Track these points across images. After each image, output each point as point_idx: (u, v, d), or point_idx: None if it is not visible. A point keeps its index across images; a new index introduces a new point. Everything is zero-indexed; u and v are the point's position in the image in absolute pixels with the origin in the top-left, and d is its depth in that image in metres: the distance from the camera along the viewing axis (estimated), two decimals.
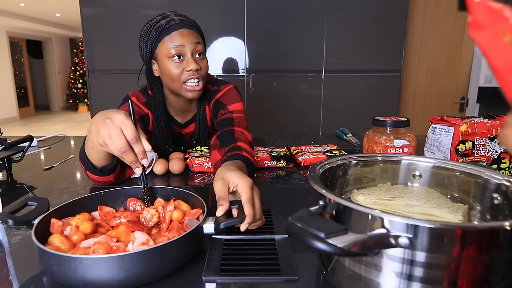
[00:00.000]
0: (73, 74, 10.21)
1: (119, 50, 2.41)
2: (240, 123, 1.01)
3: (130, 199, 0.68)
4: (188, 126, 1.16)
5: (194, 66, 0.95)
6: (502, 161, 0.86)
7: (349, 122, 2.11)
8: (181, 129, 1.16)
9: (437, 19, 2.81)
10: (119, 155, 0.64)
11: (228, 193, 0.60)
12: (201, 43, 0.99)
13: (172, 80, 0.99)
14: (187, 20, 0.99)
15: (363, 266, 0.42)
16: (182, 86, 0.99)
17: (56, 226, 0.56)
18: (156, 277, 0.49)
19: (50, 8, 7.59)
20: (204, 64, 1.00)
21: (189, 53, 0.96)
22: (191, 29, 0.98)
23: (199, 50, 0.98)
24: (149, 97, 1.08)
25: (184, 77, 0.97)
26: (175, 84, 0.99)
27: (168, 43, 0.96)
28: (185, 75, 0.97)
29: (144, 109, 1.07)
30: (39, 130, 7.34)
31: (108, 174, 0.86)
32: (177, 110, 1.12)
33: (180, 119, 1.14)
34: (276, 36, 2.42)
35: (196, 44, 0.97)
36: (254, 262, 0.54)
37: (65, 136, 1.59)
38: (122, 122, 0.63)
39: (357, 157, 0.62)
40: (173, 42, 0.95)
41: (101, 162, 0.83)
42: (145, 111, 1.07)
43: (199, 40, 0.99)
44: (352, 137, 1.49)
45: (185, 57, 0.97)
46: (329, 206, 0.46)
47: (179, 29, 0.96)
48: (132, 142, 0.64)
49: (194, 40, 0.97)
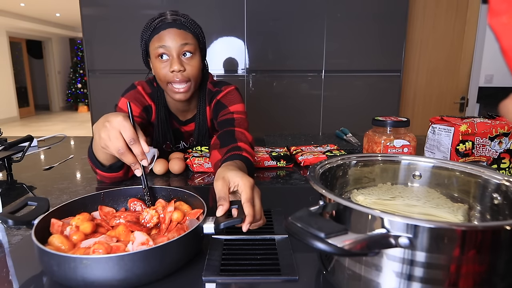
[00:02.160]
0: (73, 74, 10.21)
1: (119, 50, 2.41)
2: (240, 123, 1.01)
3: (131, 200, 0.68)
4: (188, 124, 1.16)
5: (177, 67, 0.95)
6: (502, 161, 0.86)
7: (349, 122, 2.11)
8: (181, 126, 1.16)
9: (437, 19, 2.81)
10: (118, 157, 0.65)
11: (228, 193, 0.60)
12: (190, 43, 0.97)
13: (159, 80, 1.00)
14: (182, 20, 0.98)
15: (363, 266, 0.42)
16: (167, 86, 0.99)
17: (56, 226, 0.56)
18: (156, 277, 0.49)
19: (50, 8, 7.59)
20: (192, 65, 0.98)
21: (174, 53, 0.95)
22: (182, 29, 0.97)
23: (186, 50, 0.96)
24: (154, 88, 1.09)
25: (169, 78, 0.97)
26: (162, 84, 1.01)
27: (155, 43, 0.96)
28: (169, 75, 0.97)
29: (148, 100, 1.08)
30: (39, 130, 7.34)
31: (117, 170, 0.89)
32: (176, 109, 1.13)
33: (181, 117, 1.15)
34: (276, 36, 2.42)
35: (183, 45, 0.96)
36: (254, 262, 0.54)
37: (65, 136, 1.59)
38: (121, 124, 0.64)
39: (357, 157, 0.62)
40: (160, 42, 0.96)
41: (109, 161, 0.86)
42: (149, 102, 1.08)
43: (188, 41, 0.97)
44: (352, 137, 1.49)
45: (170, 57, 0.96)
46: (329, 206, 0.46)
47: (168, 28, 0.96)
48: (130, 144, 0.64)
49: (181, 41, 0.95)
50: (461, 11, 2.83)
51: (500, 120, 0.87)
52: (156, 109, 1.09)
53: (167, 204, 0.64)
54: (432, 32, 2.83)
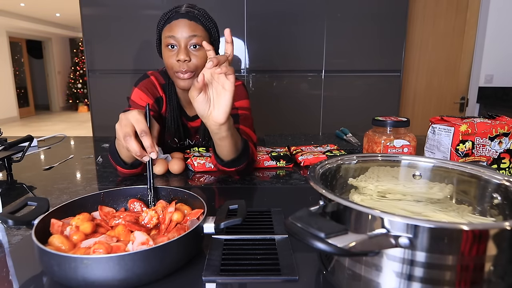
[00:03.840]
0: (73, 74, 10.21)
1: (119, 50, 2.41)
2: (245, 120, 1.02)
3: (131, 200, 0.67)
4: (195, 120, 1.18)
5: (183, 57, 0.96)
6: (502, 161, 0.86)
7: (349, 122, 2.11)
8: (188, 121, 1.18)
9: (437, 19, 2.82)
10: (124, 143, 0.66)
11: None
12: (199, 36, 0.98)
13: (167, 68, 1.03)
14: (195, 12, 0.99)
15: (363, 266, 0.42)
16: (174, 75, 1.01)
17: (56, 226, 0.56)
18: (156, 277, 0.49)
19: (50, 8, 7.59)
20: (198, 56, 0.99)
21: (182, 43, 0.97)
22: (193, 20, 0.98)
23: (194, 42, 0.98)
24: (167, 80, 1.12)
25: (175, 67, 0.99)
26: (170, 73, 1.03)
27: (166, 32, 0.99)
28: (176, 65, 0.99)
29: (160, 91, 1.11)
30: (39, 130, 7.34)
31: (137, 167, 0.94)
32: (185, 101, 1.14)
33: (189, 111, 1.16)
34: (276, 36, 2.42)
35: (191, 36, 0.97)
36: (254, 262, 0.54)
37: (65, 136, 1.59)
38: (134, 117, 0.66)
39: (357, 157, 0.62)
40: (170, 32, 0.98)
41: (130, 159, 0.90)
42: (161, 94, 1.11)
43: (197, 33, 0.98)
44: (352, 137, 1.49)
45: (178, 47, 0.98)
46: (329, 206, 0.46)
47: (179, 18, 0.98)
48: (141, 135, 0.65)
49: (190, 33, 0.97)
50: (461, 11, 2.83)
51: (500, 120, 0.87)
52: (167, 100, 1.11)
53: (168, 205, 0.64)
54: (432, 32, 2.83)
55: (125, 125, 0.66)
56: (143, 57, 2.40)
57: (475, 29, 2.88)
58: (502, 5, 2.81)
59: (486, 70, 2.91)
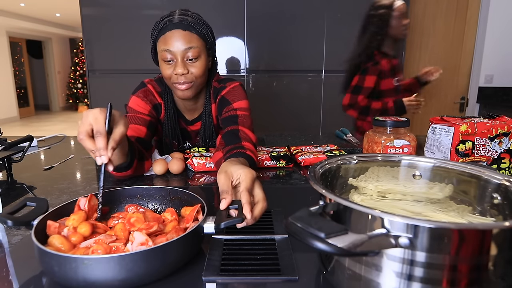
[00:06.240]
0: (73, 74, 10.20)
1: (119, 50, 2.42)
2: (244, 121, 1.02)
3: (127, 206, 0.66)
4: (195, 124, 1.18)
5: (181, 70, 0.97)
6: (502, 161, 0.86)
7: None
8: (188, 125, 1.18)
9: (437, 19, 2.82)
10: (79, 141, 0.64)
11: (231, 187, 0.60)
12: (195, 47, 0.97)
13: (165, 79, 1.03)
14: (189, 20, 0.97)
15: (363, 266, 0.42)
16: (173, 85, 1.02)
17: (53, 227, 0.55)
18: (156, 277, 0.49)
19: (50, 8, 7.59)
20: (196, 68, 0.99)
21: (179, 57, 0.97)
22: (188, 30, 0.96)
23: (190, 56, 0.97)
24: (163, 87, 1.12)
25: (173, 79, 1.00)
26: (168, 82, 1.03)
27: (162, 45, 0.98)
28: (174, 77, 0.99)
29: (158, 98, 1.11)
30: (39, 130, 7.34)
31: (124, 170, 0.89)
32: (184, 107, 1.15)
33: (188, 116, 1.17)
34: (276, 36, 2.42)
35: (187, 49, 0.96)
36: (254, 262, 0.54)
37: (65, 136, 1.59)
38: (94, 116, 0.64)
39: (357, 157, 0.62)
40: (165, 45, 0.97)
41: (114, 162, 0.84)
42: (159, 101, 1.11)
43: (193, 44, 0.96)
44: (352, 137, 1.50)
45: (175, 60, 0.98)
46: (329, 206, 0.46)
47: (173, 29, 0.96)
48: (96, 136, 0.63)
49: (185, 45, 0.96)
50: (461, 11, 2.83)
51: (500, 120, 0.87)
52: (165, 106, 1.12)
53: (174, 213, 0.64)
54: (432, 32, 2.83)
55: (83, 123, 0.64)
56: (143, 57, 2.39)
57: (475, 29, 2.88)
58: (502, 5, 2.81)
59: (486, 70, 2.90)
